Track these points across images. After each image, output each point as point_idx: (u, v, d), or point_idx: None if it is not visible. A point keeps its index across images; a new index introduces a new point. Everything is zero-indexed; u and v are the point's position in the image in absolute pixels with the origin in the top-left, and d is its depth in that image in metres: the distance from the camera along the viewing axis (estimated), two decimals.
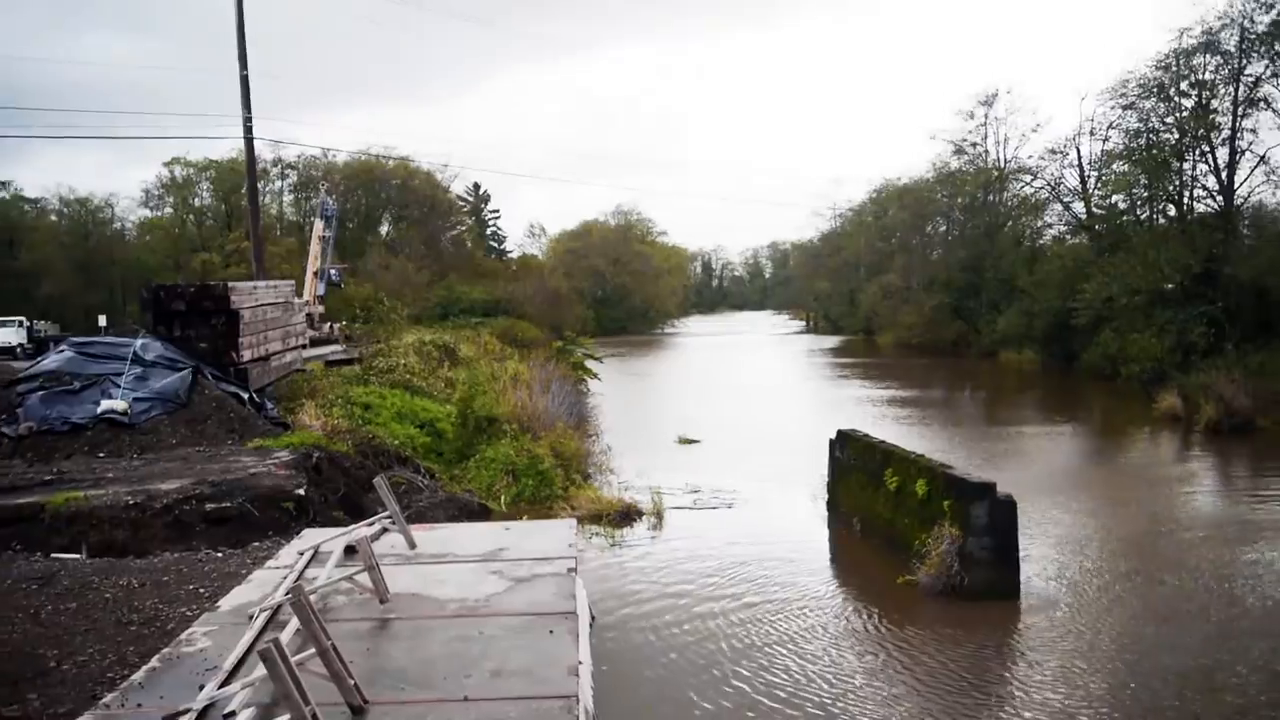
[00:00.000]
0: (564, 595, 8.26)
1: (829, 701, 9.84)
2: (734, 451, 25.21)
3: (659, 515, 17.78)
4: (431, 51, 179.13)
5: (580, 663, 6.82)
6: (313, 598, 6.76)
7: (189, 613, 8.52)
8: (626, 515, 17.75)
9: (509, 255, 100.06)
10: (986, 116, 63.57)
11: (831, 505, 18.08)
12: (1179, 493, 20.21)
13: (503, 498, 18.24)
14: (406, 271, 64.43)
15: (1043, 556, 14.71)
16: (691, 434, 27.16)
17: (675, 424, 28.69)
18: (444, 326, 45.61)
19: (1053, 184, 55.23)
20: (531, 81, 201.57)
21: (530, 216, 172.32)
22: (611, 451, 23.53)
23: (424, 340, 31.88)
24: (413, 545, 9.83)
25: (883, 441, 16.82)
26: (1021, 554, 13.29)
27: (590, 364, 39.35)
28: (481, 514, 16.43)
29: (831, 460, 18.24)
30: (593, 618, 11.24)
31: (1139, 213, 47.78)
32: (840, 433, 18.07)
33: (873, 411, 33.49)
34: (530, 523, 13.39)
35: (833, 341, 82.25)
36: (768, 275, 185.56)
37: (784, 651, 11.23)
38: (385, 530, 10.32)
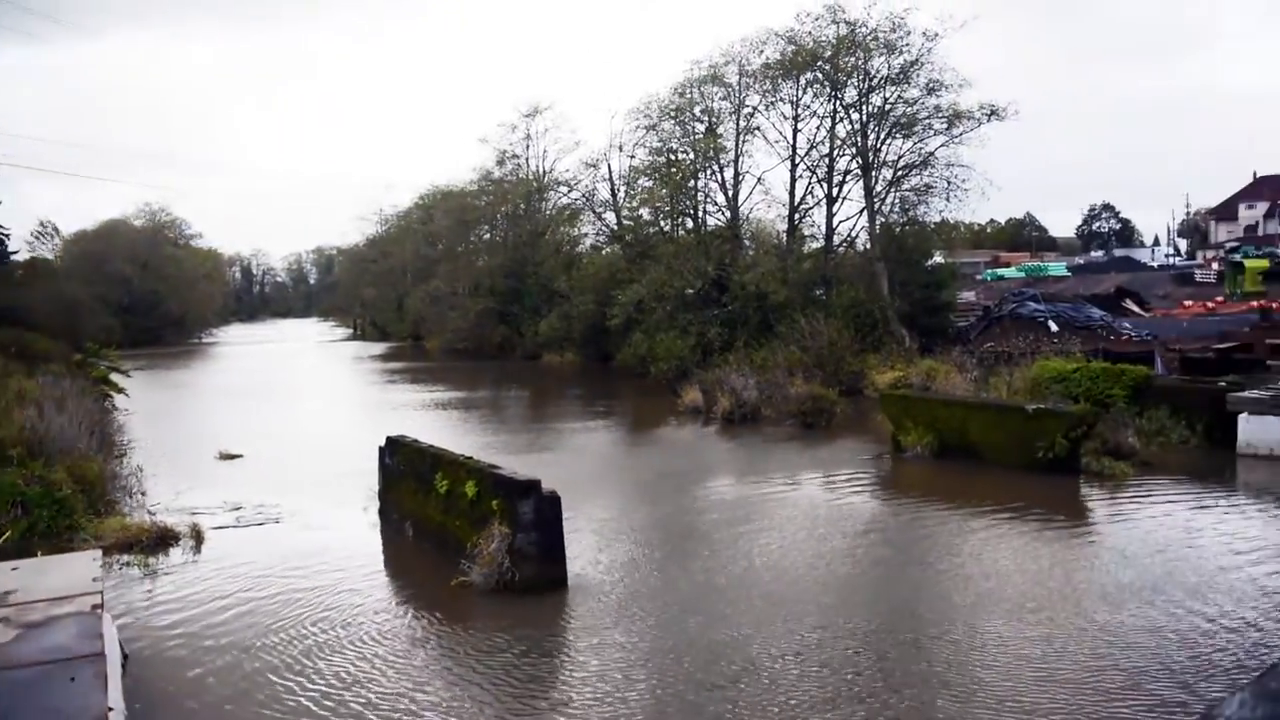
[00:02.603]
0: (89, 636, 7.59)
1: (381, 711, 9.87)
2: (281, 464, 24.33)
3: (198, 537, 16.69)
4: None
5: (110, 709, 6.33)
6: None
7: None
8: (162, 540, 16.46)
9: (13, 257, 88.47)
10: (529, 129, 66.50)
11: (383, 513, 18.02)
12: (701, 478, 22.42)
13: (10, 533, 16.19)
14: None
15: (587, 546, 15.68)
16: (234, 448, 25.75)
17: (216, 438, 27.09)
18: None
19: (587, 195, 58.99)
20: (29, 64, 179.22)
21: (40, 214, 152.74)
22: (144, 473, 21.68)
23: None
24: None
25: (432, 446, 17.05)
26: (567, 546, 14.14)
27: (117, 377, 36.23)
28: None
29: (381, 467, 18.18)
30: (125, 656, 10.41)
31: (663, 225, 52.39)
32: (389, 439, 18.06)
33: (423, 416, 33.80)
34: (45, 558, 12.03)
35: (381, 348, 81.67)
36: (312, 281, 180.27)
37: (334, 663, 11.05)
38: None
